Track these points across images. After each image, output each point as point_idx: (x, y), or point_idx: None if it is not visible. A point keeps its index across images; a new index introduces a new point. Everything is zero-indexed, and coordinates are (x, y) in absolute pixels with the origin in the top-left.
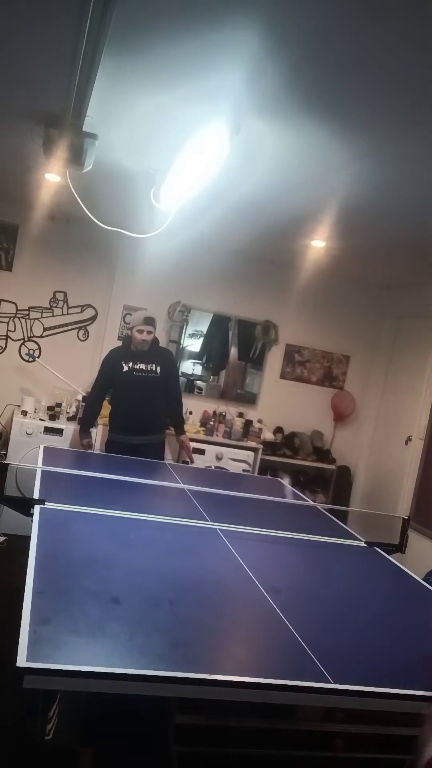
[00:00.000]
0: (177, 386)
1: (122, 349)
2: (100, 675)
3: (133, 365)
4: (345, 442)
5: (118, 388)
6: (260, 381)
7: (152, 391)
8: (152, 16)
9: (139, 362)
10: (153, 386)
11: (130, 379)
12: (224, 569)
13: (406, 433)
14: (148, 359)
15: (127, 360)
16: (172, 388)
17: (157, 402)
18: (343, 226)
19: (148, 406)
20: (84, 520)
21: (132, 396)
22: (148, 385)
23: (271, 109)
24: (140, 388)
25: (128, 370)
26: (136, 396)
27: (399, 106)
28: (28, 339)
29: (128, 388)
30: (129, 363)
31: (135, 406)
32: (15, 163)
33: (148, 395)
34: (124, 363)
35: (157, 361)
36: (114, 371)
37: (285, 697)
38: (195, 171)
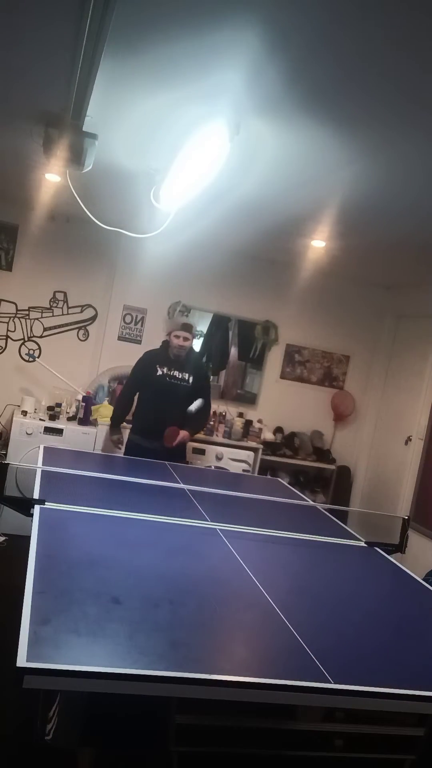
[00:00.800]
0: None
1: (159, 352)
2: (100, 675)
3: (168, 371)
4: (345, 442)
5: (147, 390)
6: (260, 381)
7: (180, 400)
8: (152, 16)
9: (174, 369)
10: (182, 395)
11: (162, 384)
12: (224, 569)
13: (406, 433)
14: (183, 368)
15: (162, 365)
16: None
17: (183, 412)
18: (343, 226)
19: (174, 414)
20: (84, 520)
21: (160, 401)
22: (177, 394)
23: (271, 109)
24: (169, 395)
25: (162, 375)
26: (164, 402)
27: (399, 106)
28: (28, 339)
29: (158, 393)
30: (164, 368)
31: (161, 412)
32: (15, 163)
33: (175, 403)
34: (159, 367)
35: (190, 371)
36: (147, 373)
37: (285, 697)
38: (195, 171)
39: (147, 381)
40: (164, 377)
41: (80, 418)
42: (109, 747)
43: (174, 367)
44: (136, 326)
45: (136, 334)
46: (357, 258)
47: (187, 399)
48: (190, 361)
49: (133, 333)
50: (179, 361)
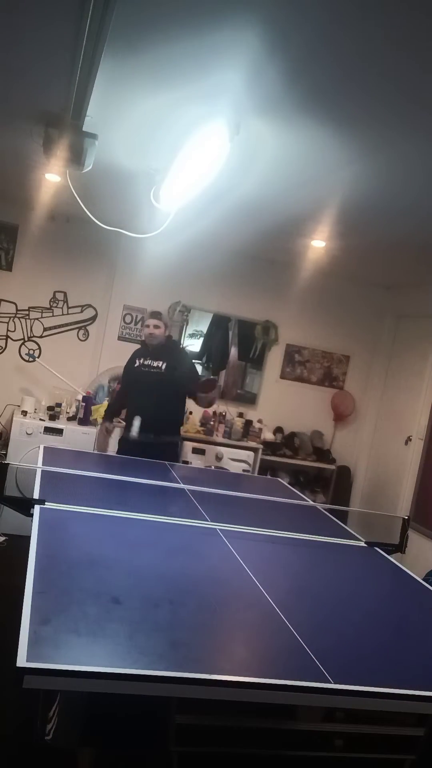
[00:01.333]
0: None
1: (141, 347)
2: (100, 675)
3: (143, 361)
4: (345, 442)
5: (131, 385)
6: (260, 381)
7: (156, 388)
8: (152, 15)
9: (148, 359)
10: (156, 382)
11: (138, 374)
12: (224, 569)
13: (406, 433)
14: (156, 356)
15: (140, 357)
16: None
17: (163, 400)
18: (343, 226)
19: (152, 403)
20: (84, 520)
21: (139, 393)
22: (150, 381)
23: (271, 109)
24: (142, 383)
25: (138, 366)
26: (142, 394)
27: (399, 106)
28: (28, 339)
29: (136, 386)
30: (141, 359)
31: (141, 404)
32: (15, 163)
33: (151, 391)
34: (138, 359)
35: (163, 358)
36: (129, 368)
37: (285, 697)
38: (195, 171)
39: (129, 375)
40: (140, 367)
41: (80, 418)
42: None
43: (149, 356)
44: (136, 326)
45: (136, 334)
46: (357, 258)
47: (165, 386)
48: (166, 349)
49: (133, 333)
50: (154, 351)
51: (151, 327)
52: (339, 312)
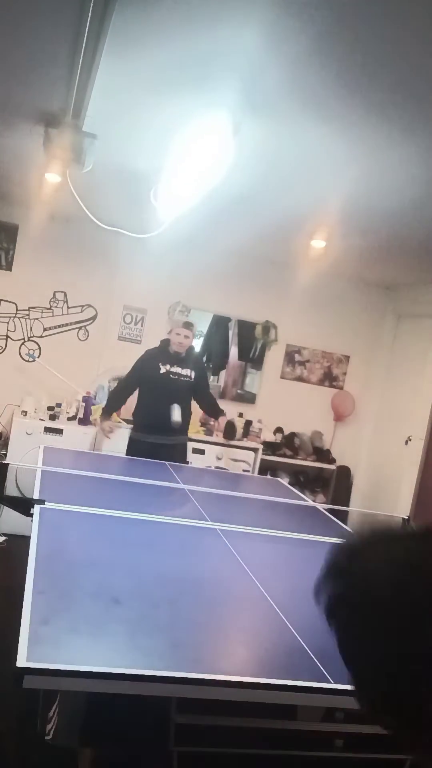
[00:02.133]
0: (206, 388)
1: (159, 351)
2: (100, 675)
3: (171, 368)
4: (345, 442)
5: (149, 388)
6: (260, 381)
7: (183, 396)
8: (152, 15)
9: (176, 365)
10: (184, 391)
11: (166, 381)
12: (224, 569)
13: (406, 433)
14: (185, 364)
15: (164, 362)
16: (201, 389)
17: (185, 405)
18: (344, 226)
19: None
20: (84, 520)
21: (165, 398)
22: (180, 390)
23: (272, 109)
24: (174, 392)
25: (165, 373)
26: (169, 399)
27: (399, 106)
28: (28, 339)
29: (162, 390)
30: (167, 365)
31: (161, 407)
32: (15, 163)
33: (179, 400)
34: (162, 365)
35: (191, 366)
36: (149, 371)
37: (285, 697)
38: (195, 171)
39: (149, 379)
40: (168, 374)
41: (80, 418)
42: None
43: (176, 363)
44: (136, 326)
45: (136, 334)
46: (357, 258)
47: (189, 393)
48: (191, 357)
49: (133, 333)
50: (180, 358)
51: (182, 336)
52: (339, 312)
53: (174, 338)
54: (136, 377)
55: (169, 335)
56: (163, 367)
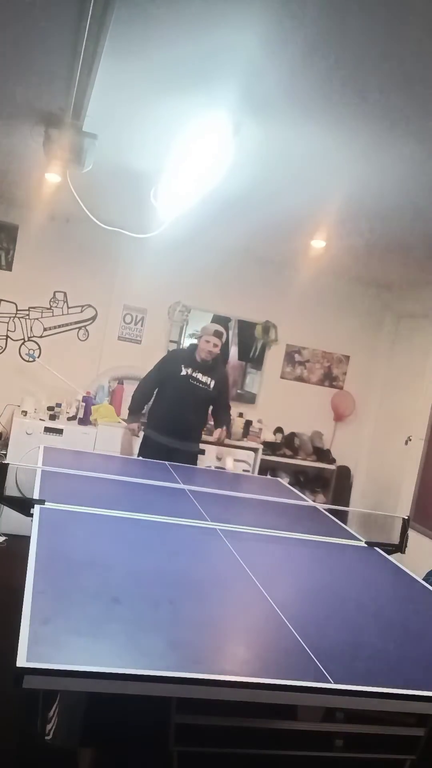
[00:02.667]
0: (225, 402)
1: (185, 353)
2: (100, 675)
3: (192, 372)
4: (345, 442)
5: (168, 388)
6: (260, 381)
7: (200, 403)
8: (152, 15)
9: (198, 371)
10: (202, 398)
11: (184, 384)
12: (224, 569)
13: (406, 433)
14: (207, 372)
15: (187, 365)
16: (220, 404)
17: (200, 414)
18: (344, 226)
19: (191, 416)
20: (84, 520)
21: (180, 401)
22: (198, 396)
23: (272, 109)
24: (190, 397)
25: (185, 375)
26: (183, 402)
27: (399, 106)
28: (28, 339)
29: (178, 392)
30: (188, 369)
31: (178, 412)
32: (15, 163)
33: (194, 405)
34: (184, 367)
35: (213, 377)
36: (171, 371)
37: (285, 697)
38: (195, 170)
39: (169, 378)
40: (187, 378)
41: (80, 418)
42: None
43: (198, 369)
44: (136, 326)
45: (136, 334)
46: (357, 258)
47: (206, 403)
48: (215, 367)
49: (133, 333)
50: (205, 365)
51: (211, 345)
52: (339, 312)
53: (202, 345)
54: (157, 376)
55: (197, 340)
56: (185, 370)
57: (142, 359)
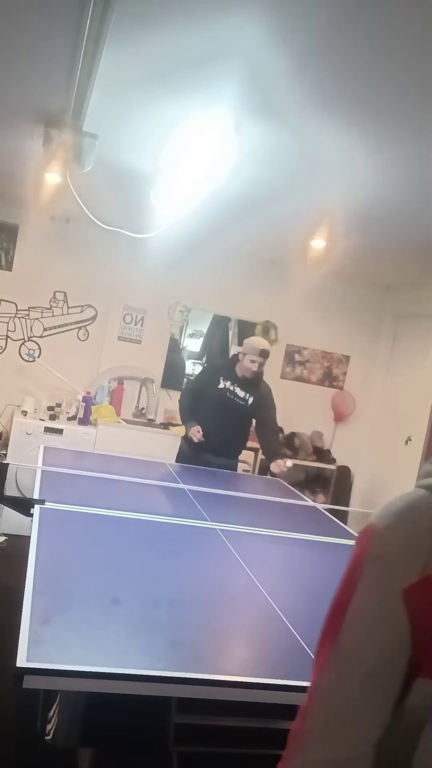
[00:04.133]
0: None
1: (226, 366)
2: (100, 675)
3: (230, 386)
4: (345, 442)
5: (205, 401)
6: None
7: (235, 419)
8: (152, 15)
9: (237, 386)
10: (238, 414)
11: (221, 398)
12: (224, 569)
13: (406, 433)
14: (247, 387)
15: (226, 378)
16: (262, 420)
17: (236, 430)
18: (344, 226)
19: (226, 431)
20: (84, 520)
21: (215, 414)
22: (234, 412)
23: (272, 109)
24: (226, 411)
25: (223, 389)
26: (219, 416)
27: (400, 107)
28: (28, 339)
29: (215, 406)
30: (227, 382)
31: (214, 426)
32: (15, 163)
33: (230, 420)
34: (223, 380)
35: (253, 392)
36: (209, 383)
37: (285, 697)
38: (195, 170)
39: (207, 391)
40: (225, 391)
41: (80, 418)
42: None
43: (238, 384)
44: (136, 326)
45: (136, 334)
46: (357, 258)
47: (245, 419)
48: (257, 383)
49: (133, 333)
50: (245, 381)
51: (256, 365)
52: (339, 312)
53: (246, 364)
54: (197, 390)
55: (240, 356)
56: (223, 383)
57: (142, 359)
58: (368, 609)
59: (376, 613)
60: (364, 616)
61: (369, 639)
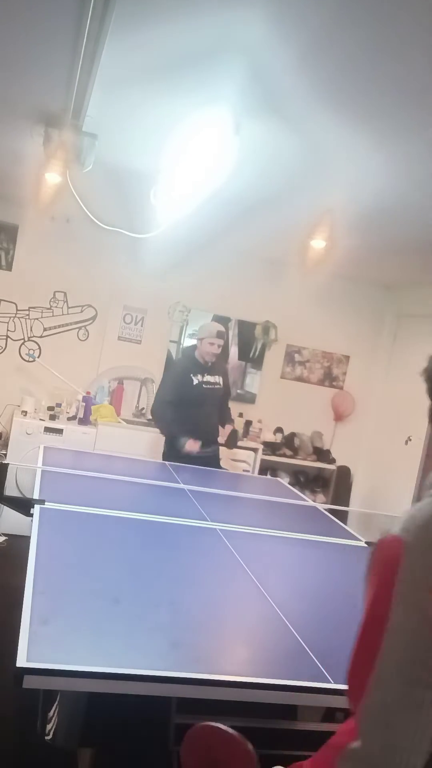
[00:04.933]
0: (229, 395)
1: (190, 362)
2: (100, 675)
3: (203, 378)
4: (345, 442)
5: (186, 402)
6: (260, 381)
7: (215, 405)
8: (152, 14)
9: (207, 374)
10: (216, 399)
11: (200, 392)
12: (224, 569)
13: (406, 433)
14: (213, 371)
15: (196, 373)
16: (225, 397)
17: (217, 412)
18: (344, 226)
19: (212, 419)
20: (84, 520)
21: (201, 410)
22: (213, 399)
23: (273, 109)
24: (208, 403)
25: (198, 384)
26: (204, 410)
27: (402, 105)
28: (28, 339)
29: (199, 403)
30: (198, 376)
31: (205, 421)
32: (15, 163)
33: (212, 409)
34: (194, 376)
35: (220, 373)
36: (183, 384)
37: (285, 697)
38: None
39: (185, 393)
40: (201, 385)
41: (80, 418)
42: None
43: (207, 372)
44: (136, 326)
45: (136, 334)
46: (357, 258)
47: (220, 402)
48: (218, 363)
49: (133, 333)
50: (209, 366)
51: (215, 346)
52: (339, 312)
53: (206, 348)
54: (171, 397)
55: (198, 342)
56: (196, 378)
57: (142, 359)
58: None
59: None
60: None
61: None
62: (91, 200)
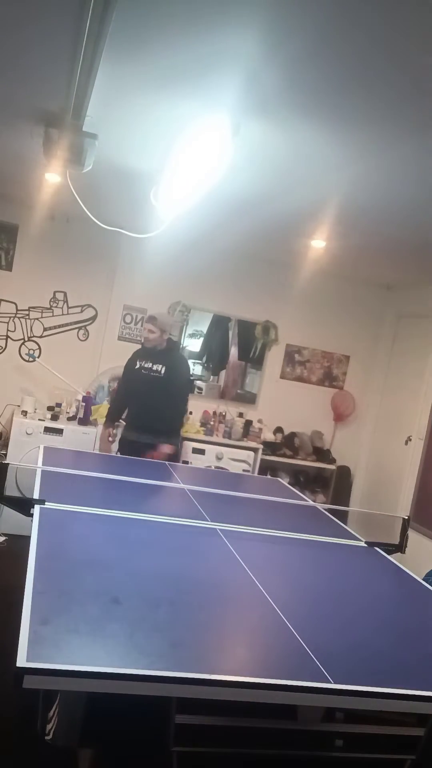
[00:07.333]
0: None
1: (140, 349)
2: (100, 675)
3: (144, 363)
4: (345, 442)
5: (130, 387)
6: (260, 381)
7: (153, 391)
8: (152, 16)
9: (148, 361)
10: (154, 386)
11: (139, 377)
12: (224, 569)
13: (406, 433)
14: (156, 359)
15: (141, 359)
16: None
17: (162, 402)
18: (343, 226)
19: (150, 406)
20: (84, 520)
21: (140, 394)
22: (151, 384)
23: (271, 110)
24: (142, 386)
25: (139, 368)
26: (143, 395)
27: (398, 107)
28: (28, 339)
29: (138, 388)
30: (141, 362)
31: (138, 404)
32: (15, 163)
33: (149, 394)
34: (138, 361)
35: (163, 362)
36: (129, 368)
37: (285, 697)
38: (195, 171)
39: (130, 376)
40: (140, 370)
41: (80, 418)
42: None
43: (148, 359)
44: (136, 326)
45: (136, 334)
46: (357, 258)
47: (162, 390)
48: (164, 353)
49: (133, 333)
50: (154, 353)
51: (146, 331)
52: (339, 312)
53: (144, 333)
54: (124, 378)
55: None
56: (139, 363)
57: None
58: None
59: None
60: None
61: None
62: (91, 200)
